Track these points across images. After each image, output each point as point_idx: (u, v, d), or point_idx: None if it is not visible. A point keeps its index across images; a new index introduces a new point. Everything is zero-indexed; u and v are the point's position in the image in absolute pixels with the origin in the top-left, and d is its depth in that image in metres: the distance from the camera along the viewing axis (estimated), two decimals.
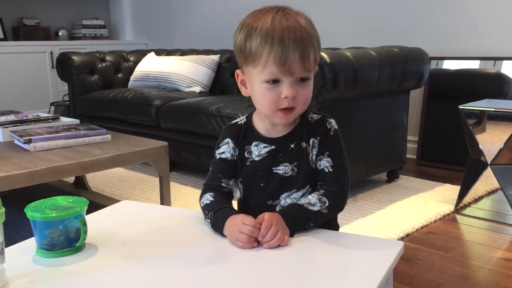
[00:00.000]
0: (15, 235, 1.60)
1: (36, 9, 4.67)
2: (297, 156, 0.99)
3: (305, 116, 1.00)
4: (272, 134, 1.00)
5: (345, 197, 0.98)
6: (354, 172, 2.37)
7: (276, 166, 0.99)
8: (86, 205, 0.88)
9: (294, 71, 0.90)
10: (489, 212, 2.17)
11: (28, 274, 0.81)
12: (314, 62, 0.93)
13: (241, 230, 0.87)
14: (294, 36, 0.88)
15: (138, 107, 3.02)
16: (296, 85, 0.92)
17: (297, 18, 0.92)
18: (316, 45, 0.93)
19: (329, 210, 0.95)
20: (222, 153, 1.03)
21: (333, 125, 1.01)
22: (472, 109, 2.16)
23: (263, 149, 1.00)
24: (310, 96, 0.95)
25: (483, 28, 2.82)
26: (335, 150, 0.99)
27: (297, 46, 0.88)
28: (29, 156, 1.78)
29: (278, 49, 0.88)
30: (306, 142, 0.99)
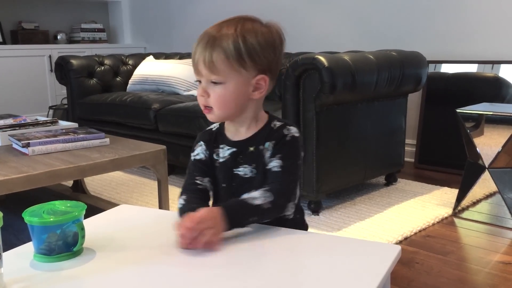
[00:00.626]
0: (13, 240, 1.60)
1: (35, 13, 4.67)
2: (256, 158, 1.03)
3: (268, 123, 1.05)
4: (236, 137, 1.07)
5: (288, 198, 0.99)
6: (353, 175, 2.40)
7: (237, 168, 1.05)
8: (84, 209, 0.88)
9: (200, 72, 0.99)
10: (487, 216, 2.18)
11: (26, 278, 0.81)
12: (228, 66, 0.97)
13: (179, 230, 0.92)
14: (205, 41, 0.97)
15: (137, 111, 3.02)
16: (208, 86, 0.99)
17: (223, 26, 0.98)
18: (228, 48, 0.96)
19: (272, 206, 0.96)
20: (196, 154, 1.10)
21: (292, 132, 1.03)
22: (470, 113, 2.17)
23: (227, 151, 1.06)
24: (224, 99, 0.99)
25: (481, 32, 2.83)
26: (286, 154, 1.01)
27: (203, 50, 0.97)
28: (27, 160, 1.78)
29: (193, 52, 0.99)
30: (263, 145, 1.03)
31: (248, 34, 0.98)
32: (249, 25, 0.99)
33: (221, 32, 0.97)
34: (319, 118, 2.12)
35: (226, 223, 0.91)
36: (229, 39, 0.96)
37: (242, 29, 0.98)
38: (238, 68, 0.97)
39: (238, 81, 0.99)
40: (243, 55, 0.97)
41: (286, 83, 2.16)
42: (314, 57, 2.06)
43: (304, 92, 2.12)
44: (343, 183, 2.35)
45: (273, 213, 0.98)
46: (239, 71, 0.98)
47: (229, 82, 0.98)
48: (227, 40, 0.96)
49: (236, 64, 0.97)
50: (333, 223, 2.11)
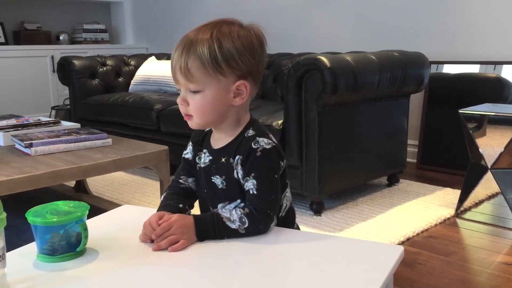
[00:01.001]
0: (16, 240, 1.60)
1: (37, 13, 4.68)
2: (226, 170, 1.00)
3: (243, 132, 1.00)
4: (214, 145, 1.05)
5: (267, 223, 0.95)
6: (355, 176, 2.39)
7: (213, 176, 1.03)
8: (87, 210, 0.89)
9: (178, 80, 0.96)
10: (490, 216, 2.17)
11: (29, 279, 0.81)
12: (204, 73, 0.93)
13: (144, 225, 0.94)
14: (182, 46, 0.94)
15: (139, 111, 3.02)
16: (187, 95, 0.97)
17: (199, 35, 0.94)
18: (203, 55, 0.92)
19: (246, 232, 0.93)
20: (186, 153, 1.10)
21: (262, 144, 0.96)
22: (472, 113, 2.16)
23: (206, 158, 1.05)
24: (204, 108, 0.96)
25: (483, 32, 2.82)
26: (260, 172, 0.96)
27: (179, 57, 0.94)
28: (30, 160, 1.79)
29: (171, 57, 0.97)
30: (232, 158, 0.99)
31: (224, 38, 0.94)
32: (225, 28, 0.95)
33: (197, 37, 0.94)
34: (321, 119, 2.12)
35: (196, 235, 0.92)
36: (204, 45, 0.92)
37: (218, 33, 0.94)
38: (216, 75, 0.93)
39: (217, 88, 0.95)
40: (219, 61, 0.93)
41: (288, 83, 2.16)
42: (316, 57, 2.06)
43: (306, 92, 2.12)
44: (345, 183, 2.35)
45: (248, 236, 0.94)
46: (217, 78, 0.94)
47: (207, 90, 0.95)
48: (202, 46, 0.92)
49: (213, 70, 0.93)
50: (335, 223, 2.10)
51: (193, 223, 0.93)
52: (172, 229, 0.91)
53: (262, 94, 3.17)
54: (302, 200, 2.37)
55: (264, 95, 3.17)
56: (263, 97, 3.16)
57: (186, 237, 0.91)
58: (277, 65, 3.13)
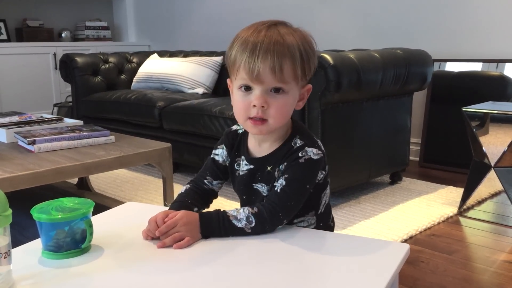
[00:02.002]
0: (19, 236, 1.60)
1: (40, 11, 4.68)
2: (272, 179, 0.99)
3: (289, 140, 0.98)
4: (256, 152, 1.02)
5: (274, 224, 0.94)
6: (357, 174, 2.39)
7: (256, 183, 1.02)
8: (92, 206, 0.89)
9: (263, 80, 0.90)
10: (493, 215, 2.17)
11: (35, 275, 0.81)
12: (293, 77, 0.92)
13: (148, 222, 0.93)
14: (267, 46, 0.89)
15: (141, 109, 3.02)
16: (268, 95, 0.92)
17: (282, 32, 0.91)
18: (297, 60, 0.91)
19: (252, 231, 0.93)
20: (217, 154, 1.08)
21: (310, 154, 0.95)
22: (475, 112, 2.16)
23: (245, 166, 1.03)
24: (285, 111, 0.94)
25: (486, 30, 2.82)
26: (294, 175, 0.95)
27: (267, 56, 0.89)
28: (33, 157, 1.79)
29: (249, 57, 0.89)
30: (278, 168, 0.98)
31: (304, 39, 0.93)
32: (297, 29, 0.94)
33: (283, 37, 0.90)
34: (324, 117, 2.12)
35: (200, 233, 0.92)
36: (294, 45, 0.91)
37: (298, 34, 0.93)
38: (300, 76, 0.93)
39: (296, 90, 0.94)
40: (305, 62, 0.92)
41: None
42: (319, 55, 2.06)
43: None
44: (348, 181, 2.35)
45: (254, 235, 0.94)
46: (298, 80, 0.93)
47: (290, 92, 0.93)
48: (293, 46, 0.90)
49: (300, 72, 0.92)
50: (337, 221, 2.10)
51: (198, 220, 0.93)
52: (177, 227, 0.91)
53: None
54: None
55: None
56: None
57: (190, 234, 0.91)
58: None
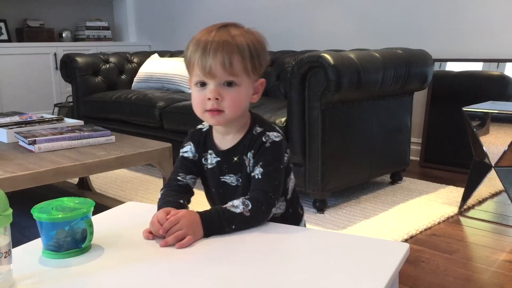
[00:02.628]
0: (19, 236, 1.61)
1: (40, 11, 4.68)
2: (240, 168, 1.06)
3: (250, 129, 1.05)
4: (221, 145, 1.08)
5: (270, 204, 0.99)
6: (358, 174, 2.39)
7: (223, 176, 1.08)
8: (92, 206, 0.89)
9: (215, 74, 0.97)
10: (493, 214, 2.17)
11: (35, 275, 0.81)
12: (243, 70, 0.99)
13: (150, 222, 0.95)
14: (216, 45, 0.96)
15: (142, 109, 3.02)
16: (221, 88, 0.98)
17: (231, 32, 0.99)
18: (246, 55, 0.98)
19: (251, 214, 0.96)
20: (185, 152, 1.12)
21: (272, 137, 1.03)
22: (476, 111, 2.16)
23: (214, 159, 1.09)
24: (239, 101, 1.00)
25: (486, 30, 2.82)
26: (267, 160, 1.02)
27: (217, 53, 0.96)
28: (33, 157, 1.79)
29: (202, 55, 0.97)
30: (245, 155, 1.05)
31: (253, 37, 1.01)
32: (247, 29, 1.02)
33: (232, 35, 0.98)
34: (325, 116, 2.12)
35: (203, 231, 0.93)
36: (243, 41, 0.98)
37: (246, 32, 1.01)
38: (250, 70, 1.00)
39: (248, 83, 1.01)
40: (254, 57, 0.99)
41: (292, 81, 2.15)
42: (319, 55, 2.06)
43: (309, 90, 2.12)
44: (348, 181, 2.35)
45: (254, 221, 0.97)
46: (248, 74, 1.00)
47: (242, 85, 1.00)
48: (242, 42, 0.98)
49: (250, 66, 0.99)
50: (338, 221, 2.10)
51: (199, 218, 0.94)
52: (179, 224, 0.91)
53: (265, 91, 3.16)
54: (305, 197, 2.37)
55: (267, 93, 3.16)
56: (266, 95, 3.15)
57: (192, 233, 0.91)
58: (280, 63, 3.13)
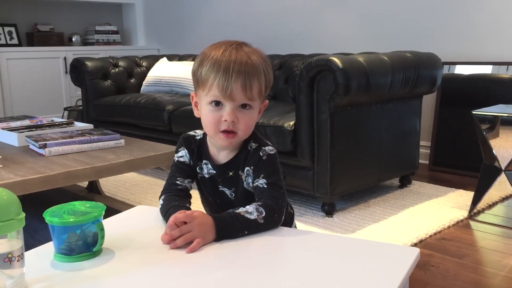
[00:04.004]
0: (30, 240, 1.62)
1: (50, 15, 4.72)
2: (235, 182, 1.08)
3: (245, 145, 1.07)
4: (216, 159, 1.09)
5: (281, 211, 1.00)
6: (366, 177, 2.38)
7: (220, 186, 1.10)
8: (104, 210, 0.89)
9: (235, 97, 0.98)
10: (504, 218, 2.15)
11: (47, 278, 0.82)
12: (259, 94, 1.01)
13: (167, 225, 0.95)
14: (239, 67, 0.97)
15: (151, 112, 3.04)
16: (237, 111, 1.00)
17: (248, 54, 1.00)
18: (262, 79, 1.01)
19: (265, 221, 0.97)
20: (180, 156, 1.12)
21: (267, 151, 1.05)
22: (485, 114, 2.15)
23: (210, 170, 1.10)
24: (251, 124, 1.03)
25: (496, 32, 2.80)
26: (268, 171, 1.03)
27: (240, 76, 0.97)
28: (44, 161, 1.80)
29: (223, 76, 0.97)
30: (241, 171, 1.06)
31: (265, 61, 1.03)
32: (258, 51, 1.03)
33: (251, 59, 0.99)
34: (333, 120, 2.12)
35: (215, 234, 0.93)
36: (260, 66, 1.00)
37: (260, 56, 1.02)
38: (263, 93, 1.03)
39: (258, 105, 1.04)
40: (267, 80, 1.02)
41: (300, 84, 2.16)
42: (328, 58, 2.06)
43: (318, 93, 2.12)
44: (357, 185, 2.34)
45: (266, 227, 0.98)
46: (261, 96, 1.03)
47: (255, 107, 1.02)
48: (259, 67, 1.00)
49: (263, 89, 1.02)
50: (347, 225, 2.10)
51: (212, 222, 0.94)
52: (190, 225, 0.92)
53: (273, 95, 3.17)
54: (313, 201, 2.37)
55: (276, 96, 3.17)
56: (275, 98, 3.16)
57: (201, 236, 0.91)
58: (289, 66, 3.13)
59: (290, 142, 2.21)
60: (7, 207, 0.76)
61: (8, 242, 0.76)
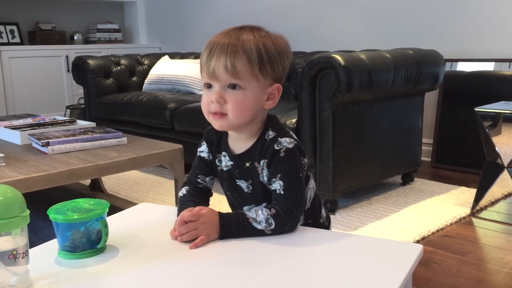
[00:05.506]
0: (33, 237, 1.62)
1: (52, 14, 4.73)
2: (252, 174, 1.02)
3: (263, 134, 1.01)
4: (235, 149, 1.05)
5: (294, 223, 0.96)
6: (369, 174, 2.38)
7: (237, 180, 1.05)
8: (107, 207, 0.90)
9: (219, 76, 0.95)
10: (506, 215, 2.15)
11: (51, 275, 0.82)
12: (250, 74, 0.95)
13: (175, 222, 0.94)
14: (221, 47, 0.94)
15: (153, 110, 3.04)
16: (225, 91, 0.96)
17: (241, 34, 0.96)
18: (255, 58, 0.94)
19: (273, 233, 0.94)
20: (201, 151, 1.10)
21: (285, 144, 0.98)
22: (488, 112, 2.14)
23: (228, 162, 1.06)
24: (243, 105, 0.96)
25: (498, 29, 2.80)
26: (286, 172, 0.97)
27: (221, 55, 0.94)
28: (47, 159, 1.81)
29: (208, 57, 0.96)
30: (258, 162, 1.01)
31: (267, 40, 0.97)
32: (263, 32, 0.99)
33: (240, 38, 0.95)
34: (335, 117, 2.12)
35: (218, 233, 0.93)
36: (251, 45, 0.95)
37: (260, 35, 0.97)
38: (258, 74, 0.96)
39: (257, 88, 0.97)
40: (265, 61, 0.95)
41: (302, 82, 2.16)
42: (330, 55, 2.06)
43: (320, 91, 2.12)
44: (359, 182, 2.34)
45: (274, 235, 0.95)
46: (258, 78, 0.96)
47: (248, 88, 0.96)
48: (250, 45, 0.94)
49: (258, 70, 0.95)
50: (349, 222, 2.10)
51: (218, 221, 0.94)
52: (196, 223, 0.92)
53: None
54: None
55: None
56: None
57: (206, 233, 0.91)
58: (291, 64, 3.13)
59: None
60: (11, 204, 0.76)
61: (12, 239, 0.77)
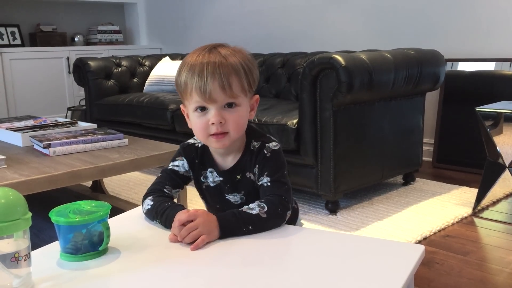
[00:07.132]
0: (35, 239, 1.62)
1: (53, 15, 4.73)
2: (244, 186, 1.06)
3: (248, 145, 1.05)
4: (222, 165, 1.08)
5: (285, 207, 0.99)
6: (370, 175, 2.38)
7: (227, 194, 1.08)
8: (109, 209, 0.90)
9: (216, 98, 0.97)
10: (508, 215, 2.15)
11: (53, 277, 0.82)
12: (242, 91, 0.99)
13: (173, 226, 0.95)
14: (213, 68, 0.96)
15: (154, 112, 3.04)
16: (223, 111, 0.98)
17: (222, 53, 0.99)
18: (242, 75, 0.99)
19: (268, 215, 0.96)
20: (177, 166, 1.11)
21: (271, 147, 1.04)
22: (489, 111, 2.14)
23: (216, 178, 1.08)
24: (241, 122, 1.01)
25: (498, 29, 2.79)
26: (272, 168, 1.03)
27: (215, 77, 0.96)
28: (48, 161, 1.81)
29: (199, 80, 0.96)
30: (250, 172, 1.05)
31: (242, 55, 1.01)
32: (232, 47, 1.02)
33: (223, 56, 0.98)
34: (336, 118, 2.12)
35: (219, 232, 0.93)
36: (236, 61, 0.98)
37: (235, 51, 1.00)
38: (247, 89, 1.00)
39: (246, 102, 1.02)
40: (248, 76, 1.00)
41: (303, 82, 2.16)
42: (331, 56, 2.06)
43: (321, 91, 2.12)
44: (361, 182, 2.34)
45: (271, 223, 0.97)
46: (246, 93, 1.01)
47: (242, 104, 1.00)
48: (235, 62, 0.98)
49: (246, 85, 1.00)
50: (351, 223, 2.10)
51: (216, 219, 0.95)
52: (195, 223, 0.92)
53: (276, 93, 3.18)
54: (317, 199, 2.37)
55: (278, 94, 3.17)
56: (278, 96, 3.16)
57: (207, 232, 0.92)
58: (291, 64, 3.13)
59: (293, 140, 2.21)
60: (13, 206, 0.76)
61: (14, 241, 0.77)
